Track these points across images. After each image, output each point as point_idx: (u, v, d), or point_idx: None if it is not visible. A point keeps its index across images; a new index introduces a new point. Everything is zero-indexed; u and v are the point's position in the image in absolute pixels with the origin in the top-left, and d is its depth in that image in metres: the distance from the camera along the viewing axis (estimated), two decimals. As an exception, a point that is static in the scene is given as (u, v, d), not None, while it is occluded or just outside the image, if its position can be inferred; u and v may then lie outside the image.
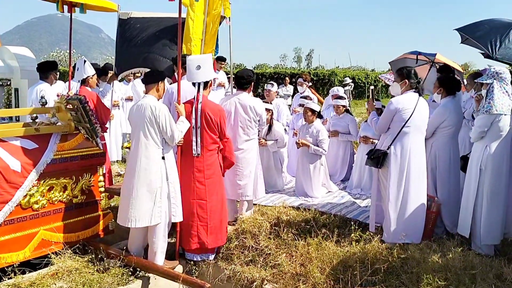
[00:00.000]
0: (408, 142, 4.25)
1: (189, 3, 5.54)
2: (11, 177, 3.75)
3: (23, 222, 3.86)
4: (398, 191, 4.26)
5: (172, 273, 3.91)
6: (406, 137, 4.25)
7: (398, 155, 4.26)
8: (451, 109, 4.52)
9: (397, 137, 4.27)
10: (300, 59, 76.15)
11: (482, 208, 4.02)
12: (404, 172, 4.25)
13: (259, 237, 4.42)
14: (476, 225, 4.06)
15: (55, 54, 36.31)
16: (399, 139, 4.27)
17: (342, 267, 3.82)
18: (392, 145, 4.29)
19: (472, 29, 5.18)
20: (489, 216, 3.99)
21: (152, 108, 3.87)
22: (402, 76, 4.41)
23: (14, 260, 3.76)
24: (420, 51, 6.57)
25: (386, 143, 4.35)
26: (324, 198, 5.82)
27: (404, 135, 4.25)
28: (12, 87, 6.19)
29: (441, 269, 3.58)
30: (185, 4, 5.36)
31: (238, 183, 4.91)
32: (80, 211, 4.29)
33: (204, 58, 4.36)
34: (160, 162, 3.93)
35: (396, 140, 4.28)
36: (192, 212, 4.24)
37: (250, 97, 4.99)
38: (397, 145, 4.27)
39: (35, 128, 4.06)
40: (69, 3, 5.30)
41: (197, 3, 5.52)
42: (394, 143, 4.28)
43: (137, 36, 6.27)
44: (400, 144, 4.26)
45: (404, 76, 4.40)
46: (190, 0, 5.52)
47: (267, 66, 38.61)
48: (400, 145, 4.26)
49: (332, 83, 21.61)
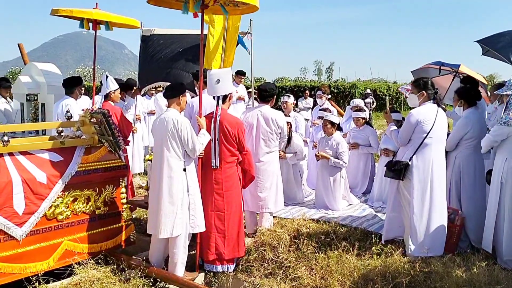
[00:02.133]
0: (430, 153, 4.20)
1: (209, 19, 5.68)
2: (38, 188, 3.85)
3: (48, 233, 3.95)
4: (423, 203, 4.19)
5: (192, 284, 3.92)
6: (428, 148, 4.21)
7: (420, 167, 4.20)
8: (474, 120, 4.46)
9: (418, 149, 4.22)
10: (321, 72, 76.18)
11: (504, 222, 3.93)
12: (428, 184, 4.19)
13: (278, 249, 4.40)
14: (499, 239, 3.96)
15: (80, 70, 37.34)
16: (420, 151, 4.22)
17: (363, 280, 3.77)
18: (414, 156, 4.24)
19: (493, 41, 5.12)
20: (511, 230, 3.90)
21: (174, 122, 3.94)
22: (419, 88, 4.36)
23: (39, 269, 3.84)
24: (443, 61, 6.50)
25: (407, 155, 4.30)
26: (344, 211, 5.78)
27: (426, 146, 4.21)
28: (39, 102, 6.37)
29: (465, 284, 3.49)
30: (206, 21, 5.49)
31: (258, 195, 4.93)
32: (102, 222, 4.37)
33: (224, 72, 4.43)
34: (181, 174, 3.99)
35: (418, 152, 4.23)
36: (210, 223, 4.27)
37: (272, 109, 5.03)
38: (419, 156, 4.22)
39: (61, 141, 4.17)
40: (94, 21, 5.47)
41: (217, 19, 5.64)
42: (416, 155, 4.23)
43: (160, 51, 6.42)
44: (422, 156, 4.21)
45: (421, 87, 4.35)
46: (210, 17, 5.65)
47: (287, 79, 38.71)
48: (422, 156, 4.21)
49: (353, 95, 21.52)
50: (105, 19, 5.35)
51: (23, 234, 3.75)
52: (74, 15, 5.12)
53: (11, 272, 3.69)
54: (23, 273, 3.75)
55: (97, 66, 7.29)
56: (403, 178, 4.30)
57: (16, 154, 3.88)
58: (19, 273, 3.73)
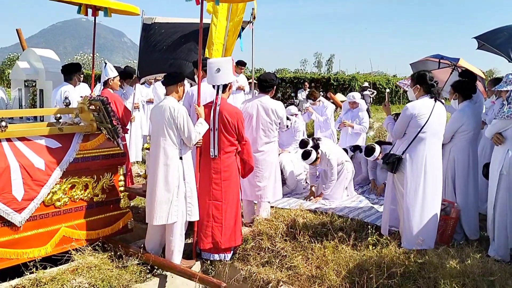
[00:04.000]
0: (424, 147, 4.18)
1: (213, 10, 5.66)
2: (36, 174, 3.86)
3: (45, 219, 3.97)
4: (415, 197, 4.20)
5: (189, 272, 3.96)
6: (422, 142, 4.19)
7: (413, 161, 4.19)
8: (469, 113, 4.46)
9: (412, 143, 4.20)
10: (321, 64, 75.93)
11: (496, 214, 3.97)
12: (421, 178, 4.18)
13: (275, 239, 4.44)
14: (495, 229, 4.00)
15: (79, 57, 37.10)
16: (414, 145, 4.20)
17: (358, 270, 3.80)
18: (407, 150, 4.23)
19: (492, 37, 5.09)
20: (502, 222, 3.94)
21: (171, 109, 3.94)
22: (413, 81, 4.36)
23: (36, 255, 3.86)
24: (443, 55, 6.48)
25: (401, 148, 4.30)
26: (341, 202, 5.81)
27: (420, 140, 4.19)
28: (37, 88, 6.37)
29: (459, 275, 3.53)
30: (209, 11, 5.47)
31: (257, 184, 4.94)
32: (100, 209, 4.38)
33: (224, 61, 4.41)
34: (177, 162, 4.00)
35: (411, 146, 4.21)
36: (208, 212, 4.29)
37: (272, 100, 5.03)
38: (413, 150, 4.20)
39: (59, 128, 4.17)
40: (93, 7, 5.43)
41: (220, 9, 5.62)
42: (409, 149, 4.22)
43: (162, 41, 6.35)
44: (416, 150, 4.19)
45: (415, 81, 4.34)
46: (214, 7, 5.63)
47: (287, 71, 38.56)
48: (415, 150, 4.19)
49: (352, 88, 21.47)
50: (104, 5, 5.30)
51: (22, 220, 3.77)
52: (73, 0, 5.08)
53: (8, 257, 3.71)
54: (20, 259, 3.77)
55: (96, 54, 7.23)
56: (395, 172, 4.30)
57: (14, 140, 3.88)
58: (16, 259, 3.75)
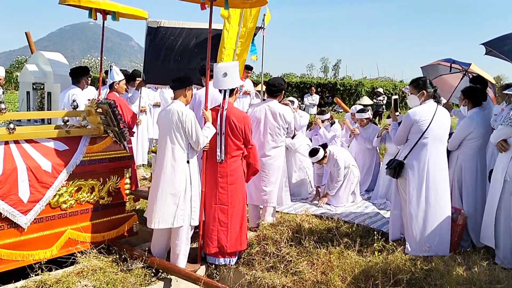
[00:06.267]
0: (426, 153, 4.16)
1: (227, 15, 5.65)
2: (43, 177, 3.88)
3: (51, 221, 3.99)
4: (418, 202, 4.18)
5: (194, 276, 3.95)
6: (424, 148, 4.17)
7: (415, 167, 4.18)
8: (478, 121, 4.43)
9: (414, 148, 4.20)
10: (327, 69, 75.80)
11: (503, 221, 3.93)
12: (423, 183, 4.16)
13: (280, 244, 4.42)
14: (501, 237, 3.96)
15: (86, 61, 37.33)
16: (416, 150, 4.19)
17: (363, 276, 3.78)
18: (409, 156, 4.22)
19: (499, 44, 5.05)
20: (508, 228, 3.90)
21: (179, 113, 3.95)
22: (419, 87, 4.33)
23: (42, 257, 3.88)
24: (455, 59, 6.42)
25: (403, 154, 4.30)
26: (347, 208, 5.78)
27: (422, 146, 4.17)
28: (45, 90, 6.41)
29: (465, 283, 3.50)
30: (223, 16, 5.47)
31: (263, 189, 4.93)
32: (106, 212, 4.40)
33: (231, 65, 4.42)
34: (185, 166, 4.00)
35: (413, 151, 4.21)
36: (214, 216, 4.29)
37: (280, 104, 5.03)
38: (414, 156, 4.19)
39: (66, 131, 4.20)
40: (103, 11, 5.47)
41: (233, 15, 5.61)
42: (411, 154, 4.21)
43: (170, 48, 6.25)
44: (417, 155, 4.18)
45: (421, 86, 4.32)
46: (228, 12, 5.62)
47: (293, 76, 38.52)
48: (417, 156, 4.18)
49: (359, 93, 21.40)
50: (113, 10, 5.34)
51: (28, 222, 3.78)
52: (82, 5, 5.12)
53: (14, 259, 3.73)
54: (26, 261, 3.79)
55: (104, 57, 7.25)
56: (397, 177, 4.30)
57: (21, 142, 3.91)
58: (22, 260, 3.77)
